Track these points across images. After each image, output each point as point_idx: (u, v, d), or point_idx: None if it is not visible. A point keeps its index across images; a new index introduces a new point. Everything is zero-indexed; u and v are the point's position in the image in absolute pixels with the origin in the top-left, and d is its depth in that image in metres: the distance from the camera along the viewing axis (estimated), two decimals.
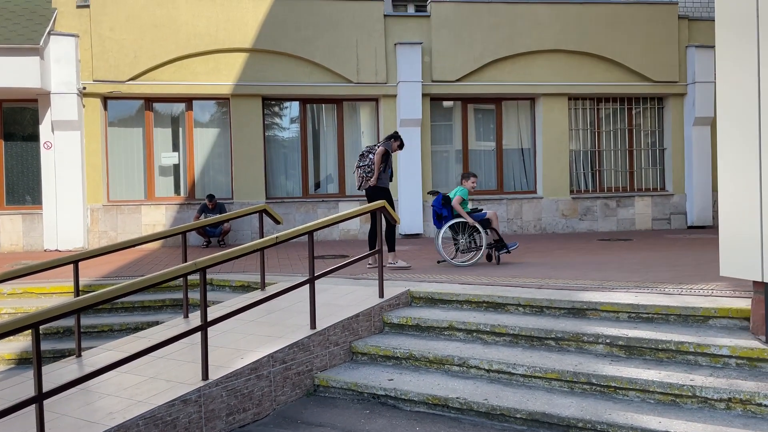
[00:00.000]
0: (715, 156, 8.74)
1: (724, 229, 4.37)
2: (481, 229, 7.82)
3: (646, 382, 4.06)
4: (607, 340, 4.63)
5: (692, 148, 13.32)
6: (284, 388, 4.71)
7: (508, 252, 8.01)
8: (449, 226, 7.86)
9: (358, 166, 7.79)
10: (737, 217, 4.23)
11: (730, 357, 4.19)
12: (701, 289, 5.49)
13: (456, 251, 7.97)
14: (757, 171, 4.03)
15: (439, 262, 8.15)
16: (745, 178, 4.14)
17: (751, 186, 4.08)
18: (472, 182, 8.07)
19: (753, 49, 4.06)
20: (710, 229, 12.88)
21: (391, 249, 7.79)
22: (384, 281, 6.00)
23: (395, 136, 8.07)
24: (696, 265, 7.26)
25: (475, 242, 7.94)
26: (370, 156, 7.74)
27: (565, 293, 5.50)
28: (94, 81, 11.67)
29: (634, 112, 13.71)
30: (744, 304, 4.65)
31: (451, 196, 7.96)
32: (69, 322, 6.53)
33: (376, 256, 7.44)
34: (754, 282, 4.24)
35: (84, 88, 11.61)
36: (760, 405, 3.74)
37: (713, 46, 4.48)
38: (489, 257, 8.15)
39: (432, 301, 5.86)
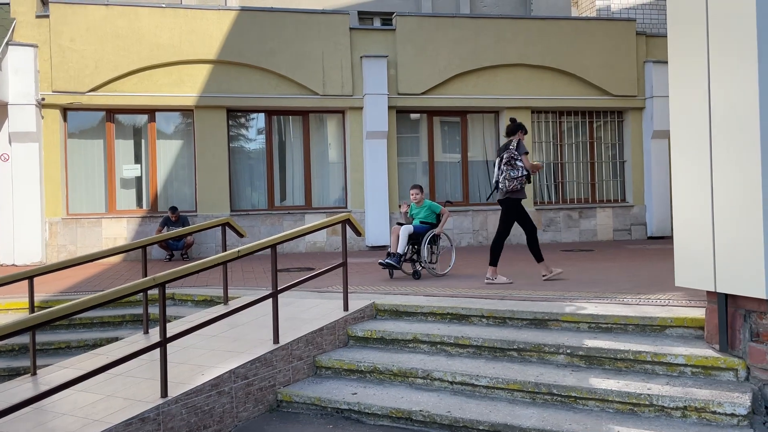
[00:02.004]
0: None
1: (678, 240, 4.48)
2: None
3: (605, 392, 4.13)
4: (568, 351, 4.69)
5: (651, 161, 13.65)
6: (246, 404, 4.66)
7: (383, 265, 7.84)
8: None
9: (508, 175, 6.99)
10: (690, 229, 4.34)
11: (685, 365, 4.28)
12: (658, 299, 5.61)
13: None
14: (709, 184, 4.15)
15: None
16: (697, 192, 4.26)
17: (703, 199, 4.20)
18: (411, 194, 8.23)
19: (703, 67, 4.19)
20: (669, 239, 13.18)
21: (540, 259, 7.25)
22: (348, 294, 5.99)
23: (518, 127, 7.19)
24: (654, 275, 7.42)
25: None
26: (512, 159, 6.97)
27: (527, 304, 5.56)
28: (53, 92, 11.44)
29: (595, 125, 14.00)
30: (699, 313, 4.77)
31: None
32: (24, 339, 6.35)
33: (493, 268, 7.12)
34: (708, 292, 4.35)
35: (43, 99, 11.37)
36: (714, 413, 3.82)
37: None
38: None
39: (397, 313, 5.87)
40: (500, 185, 7.12)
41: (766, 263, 3.76)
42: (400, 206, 8.15)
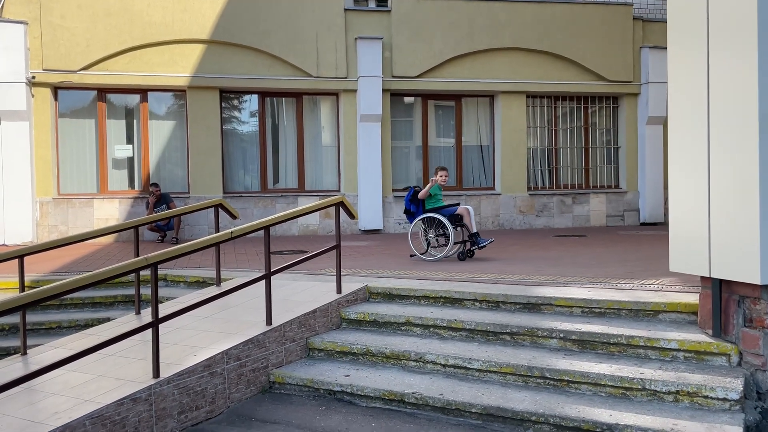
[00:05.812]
0: (667, 155, 8.94)
1: (673, 226, 4.47)
2: (447, 224, 7.71)
3: (598, 376, 4.14)
4: (561, 335, 4.70)
5: (645, 147, 13.65)
6: (239, 385, 4.64)
7: (479, 248, 7.78)
8: (422, 221, 7.97)
9: None
10: (686, 215, 4.33)
11: (678, 350, 4.29)
12: (652, 284, 5.62)
13: (427, 246, 7.99)
14: (706, 171, 4.13)
15: (411, 256, 8.18)
16: (694, 178, 4.24)
17: (699, 185, 4.19)
18: (441, 176, 8.00)
19: (703, 54, 4.15)
20: (662, 225, 13.23)
21: None
22: (342, 277, 5.97)
23: None
24: (647, 260, 7.43)
25: (446, 237, 7.84)
26: None
27: (520, 288, 5.56)
28: (43, 70, 11.28)
29: (590, 110, 13.96)
30: (692, 298, 4.77)
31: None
32: (14, 319, 6.31)
33: None
34: (702, 277, 4.35)
35: (33, 78, 11.21)
36: (706, 397, 3.84)
37: (666, 47, 4.57)
38: (462, 254, 7.85)
39: (390, 296, 5.85)
40: None
41: (761, 249, 3.75)
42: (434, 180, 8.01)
